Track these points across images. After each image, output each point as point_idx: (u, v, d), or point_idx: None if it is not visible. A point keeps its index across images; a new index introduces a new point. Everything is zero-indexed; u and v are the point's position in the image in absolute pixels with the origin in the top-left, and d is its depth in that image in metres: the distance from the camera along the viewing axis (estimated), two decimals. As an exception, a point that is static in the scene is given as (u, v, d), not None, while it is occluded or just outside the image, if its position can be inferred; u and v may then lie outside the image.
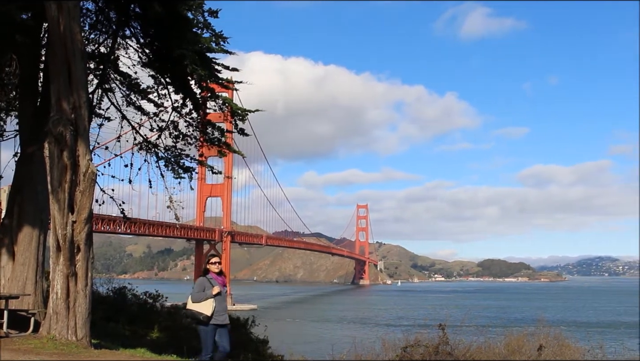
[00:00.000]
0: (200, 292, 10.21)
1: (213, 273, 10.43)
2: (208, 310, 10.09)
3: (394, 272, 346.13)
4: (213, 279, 10.35)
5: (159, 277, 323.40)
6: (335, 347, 16.35)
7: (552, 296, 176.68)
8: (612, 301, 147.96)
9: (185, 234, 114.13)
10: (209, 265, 10.53)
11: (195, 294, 10.22)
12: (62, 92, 11.16)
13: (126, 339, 15.15)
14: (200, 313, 10.10)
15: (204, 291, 10.20)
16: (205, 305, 10.10)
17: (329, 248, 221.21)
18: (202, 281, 10.36)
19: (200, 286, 10.29)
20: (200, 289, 10.24)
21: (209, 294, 10.14)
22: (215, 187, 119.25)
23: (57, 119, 10.97)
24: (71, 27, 11.22)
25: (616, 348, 17.83)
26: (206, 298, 10.12)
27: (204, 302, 10.11)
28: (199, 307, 10.12)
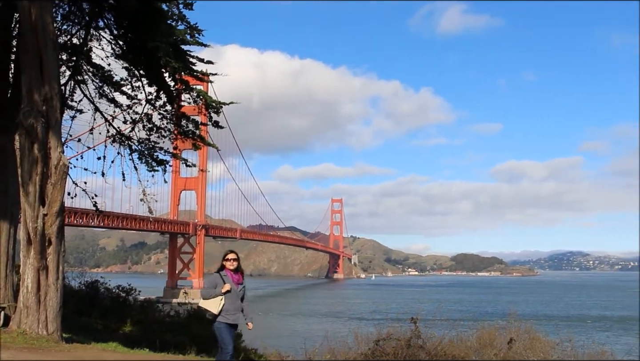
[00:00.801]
0: (210, 289, 9.97)
1: (228, 270, 10.15)
2: (215, 307, 9.81)
3: (368, 266, 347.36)
4: (227, 277, 10.06)
5: (132, 271, 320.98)
6: (308, 341, 16.38)
7: (523, 290, 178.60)
8: (582, 296, 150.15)
9: (159, 227, 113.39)
10: (225, 262, 10.22)
11: (205, 291, 10.01)
12: (33, 84, 11.04)
13: (98, 333, 15.04)
14: (207, 311, 9.89)
15: (215, 288, 9.93)
16: (213, 303, 9.83)
17: (304, 241, 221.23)
18: (214, 278, 10.11)
19: (211, 283, 10.06)
20: (211, 286, 10.02)
21: (218, 291, 9.87)
22: (190, 180, 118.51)
23: (28, 110, 10.85)
24: (43, 18, 11.09)
25: (585, 341, 18.06)
26: (215, 295, 9.85)
27: (212, 300, 9.85)
28: (207, 304, 9.88)
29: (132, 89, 16.34)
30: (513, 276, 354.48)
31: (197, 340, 15.71)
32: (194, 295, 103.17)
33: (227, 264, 10.18)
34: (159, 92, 16.37)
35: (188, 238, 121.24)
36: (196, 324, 17.57)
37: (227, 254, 10.31)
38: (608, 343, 22.16)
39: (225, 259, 10.22)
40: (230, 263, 10.17)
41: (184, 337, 15.98)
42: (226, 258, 10.25)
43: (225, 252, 10.46)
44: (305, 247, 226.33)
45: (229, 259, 10.21)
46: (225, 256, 10.29)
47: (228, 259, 10.21)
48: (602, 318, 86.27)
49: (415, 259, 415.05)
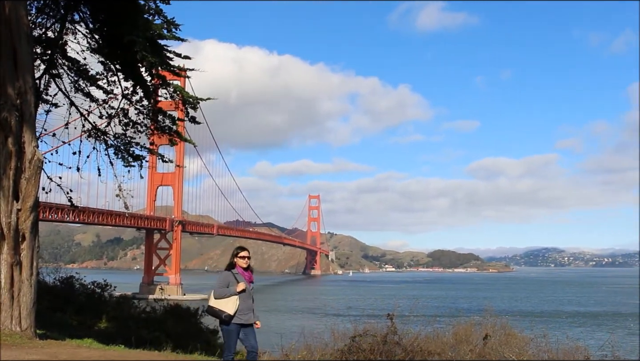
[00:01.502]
0: (223, 288, 9.52)
1: (240, 267, 9.74)
2: (231, 308, 9.40)
3: (345, 262, 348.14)
4: (239, 275, 9.65)
5: (108, 266, 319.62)
6: (284, 337, 16.39)
7: (499, 286, 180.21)
8: (556, 292, 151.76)
9: (135, 223, 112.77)
10: (237, 259, 9.78)
11: (218, 290, 9.52)
12: (7, 77, 10.90)
13: (73, 329, 14.93)
14: (222, 312, 9.42)
15: (228, 287, 9.52)
16: (228, 303, 9.42)
17: (281, 238, 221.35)
18: (226, 276, 9.65)
19: (223, 281, 9.59)
20: (223, 284, 9.56)
21: (232, 290, 9.46)
22: (166, 176, 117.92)
23: (2, 104, 10.72)
24: (17, 10, 10.95)
25: (559, 337, 18.29)
26: (230, 294, 9.44)
27: (227, 299, 9.42)
28: (221, 305, 9.43)
29: (108, 83, 16.17)
30: (489, 273, 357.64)
31: (173, 336, 15.66)
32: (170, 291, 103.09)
33: (240, 262, 9.79)
34: (135, 87, 16.22)
35: (165, 234, 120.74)
36: (172, 320, 17.52)
37: (240, 252, 9.89)
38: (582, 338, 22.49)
39: (238, 257, 9.80)
40: (244, 261, 9.79)
41: (160, 333, 15.91)
42: (239, 255, 9.83)
43: (236, 249, 10.02)
44: (282, 243, 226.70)
45: (243, 256, 9.82)
46: (237, 253, 9.87)
47: (242, 257, 9.82)
48: (575, 313, 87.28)
49: (393, 255, 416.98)
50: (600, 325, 66.87)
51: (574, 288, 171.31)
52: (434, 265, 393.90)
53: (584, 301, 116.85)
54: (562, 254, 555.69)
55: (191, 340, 15.75)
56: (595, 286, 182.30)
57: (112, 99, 16.61)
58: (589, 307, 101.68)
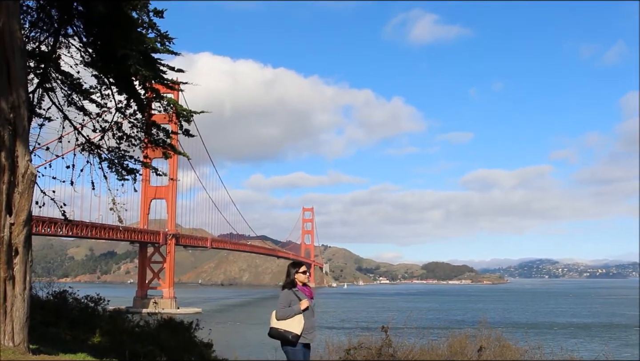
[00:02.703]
0: (286, 307, 9.08)
1: (299, 283, 9.35)
2: (297, 327, 8.98)
3: (339, 275, 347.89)
4: (300, 292, 9.24)
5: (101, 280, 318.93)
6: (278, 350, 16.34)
7: (493, 298, 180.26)
8: (550, 303, 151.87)
9: (129, 236, 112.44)
10: (298, 275, 9.37)
11: (281, 311, 9.07)
12: (0, 91, 10.89)
13: (66, 344, 14.83)
14: (288, 332, 8.99)
15: (290, 306, 9.10)
16: (294, 322, 8.99)
17: (275, 250, 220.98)
18: (287, 295, 9.20)
19: (285, 301, 9.13)
20: (285, 304, 9.11)
21: (296, 309, 9.05)
22: (160, 189, 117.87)
23: (-5, 118, 10.69)
24: (10, 24, 10.95)
25: (554, 348, 18.31)
26: (294, 314, 9.02)
27: (291, 319, 9.00)
28: (286, 325, 9.00)
29: (102, 97, 16.16)
30: (483, 284, 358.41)
31: (167, 350, 15.61)
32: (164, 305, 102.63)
33: (302, 277, 9.41)
34: (129, 100, 16.22)
35: (158, 247, 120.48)
36: (166, 334, 17.46)
37: (299, 267, 9.52)
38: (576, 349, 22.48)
39: (298, 272, 9.41)
40: (305, 277, 9.44)
41: (154, 347, 15.84)
42: (298, 271, 9.44)
43: (295, 264, 9.60)
44: (276, 256, 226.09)
45: (304, 272, 9.47)
46: (297, 269, 9.47)
47: (302, 273, 9.44)
48: (569, 325, 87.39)
49: (387, 267, 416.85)
50: (594, 336, 66.94)
51: (568, 300, 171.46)
52: (428, 277, 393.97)
53: (578, 313, 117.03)
54: (556, 266, 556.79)
55: (185, 354, 15.71)
56: (589, 298, 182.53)
57: (106, 112, 16.58)
58: (583, 318, 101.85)
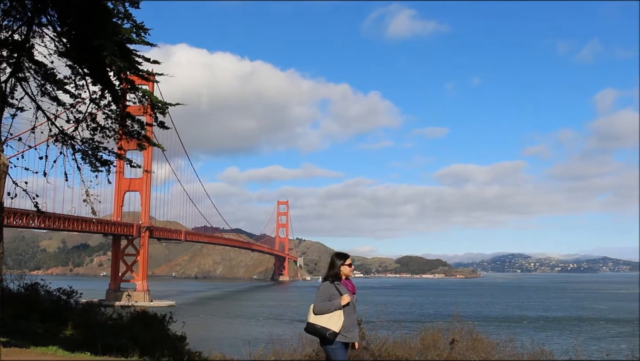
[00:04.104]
0: (325, 301, 8.38)
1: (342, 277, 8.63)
2: (336, 324, 8.26)
3: (314, 268, 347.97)
4: (342, 286, 8.51)
5: (73, 273, 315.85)
6: (252, 343, 16.38)
7: (466, 292, 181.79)
8: (522, 297, 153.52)
9: (102, 229, 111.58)
10: (343, 267, 8.61)
11: (320, 305, 8.36)
12: (-28, 81, 10.76)
13: (38, 337, 14.73)
14: (326, 329, 8.27)
15: (330, 300, 8.39)
16: (332, 318, 8.29)
17: (249, 244, 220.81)
18: (327, 288, 8.49)
19: (325, 294, 8.43)
20: (325, 298, 8.40)
21: (337, 304, 8.32)
22: (134, 181, 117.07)
23: (-33, 108, 10.57)
24: (-17, 13, 10.82)
25: (525, 341, 18.56)
26: (334, 309, 8.31)
27: (330, 314, 8.30)
28: (324, 321, 8.30)
29: (76, 87, 15.98)
30: (457, 278, 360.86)
31: (140, 343, 15.53)
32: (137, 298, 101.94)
33: (346, 270, 8.64)
34: (103, 91, 16.07)
35: (132, 240, 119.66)
36: (139, 327, 17.38)
37: (346, 259, 8.72)
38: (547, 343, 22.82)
39: (344, 265, 8.63)
40: (350, 270, 8.70)
41: (126, 340, 15.75)
42: (344, 262, 8.65)
43: (339, 256, 8.78)
44: (251, 249, 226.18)
45: (350, 264, 8.73)
46: (343, 260, 8.68)
47: (348, 265, 8.68)
48: (540, 318, 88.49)
49: (361, 261, 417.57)
50: (563, 330, 67.88)
51: (540, 294, 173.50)
52: (402, 271, 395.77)
53: (549, 307, 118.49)
54: (528, 260, 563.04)
55: (158, 347, 15.65)
56: (560, 292, 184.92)
57: (80, 103, 16.42)
58: (554, 312, 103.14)
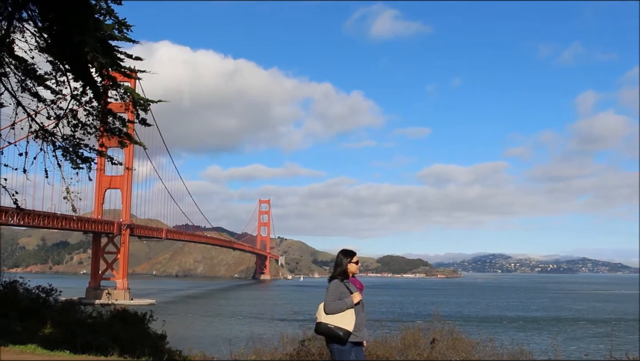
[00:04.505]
0: (336, 300, 8.19)
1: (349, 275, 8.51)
2: (349, 323, 8.07)
3: (295, 267, 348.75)
4: (351, 284, 8.39)
5: (53, 271, 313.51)
6: (233, 342, 16.34)
7: (446, 292, 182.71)
8: (501, 297, 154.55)
9: (82, 226, 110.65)
10: (350, 265, 8.51)
11: (332, 304, 8.17)
12: (-49, 75, 10.65)
13: (17, 335, 14.60)
14: (339, 329, 8.05)
15: (341, 298, 8.21)
16: (344, 317, 8.10)
17: (231, 242, 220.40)
18: (337, 286, 8.31)
19: (336, 293, 8.25)
20: (336, 296, 8.21)
21: (349, 302, 8.16)
22: (115, 179, 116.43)
23: (-54, 103, 10.47)
24: (-37, 7, 10.71)
25: (504, 340, 18.69)
26: (346, 308, 8.14)
27: (342, 314, 8.12)
28: (336, 320, 8.09)
29: (57, 83, 15.88)
30: (437, 278, 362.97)
31: (120, 342, 15.44)
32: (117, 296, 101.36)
33: (353, 268, 8.54)
34: (84, 87, 15.95)
35: (112, 238, 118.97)
36: (119, 325, 17.27)
37: (353, 256, 8.63)
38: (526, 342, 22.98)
39: (351, 262, 8.55)
40: (357, 267, 8.61)
41: (106, 339, 15.66)
42: (351, 260, 8.57)
43: (346, 254, 8.67)
44: (232, 248, 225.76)
45: (356, 262, 8.64)
46: (350, 258, 8.60)
47: (355, 262, 8.61)
48: (520, 318, 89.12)
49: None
50: (542, 330, 68.34)
51: (519, 294, 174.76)
52: (383, 270, 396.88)
53: (528, 307, 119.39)
54: (508, 261, 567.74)
55: (138, 345, 15.57)
56: (539, 292, 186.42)
57: (61, 99, 16.31)
58: (533, 312, 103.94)
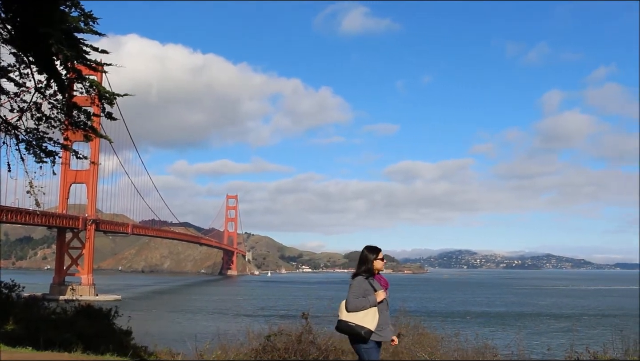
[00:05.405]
0: (360, 298, 7.83)
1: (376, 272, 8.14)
2: (371, 322, 7.73)
3: (262, 263, 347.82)
4: (375, 281, 8.00)
5: (16, 266, 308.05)
6: (198, 338, 16.32)
7: (413, 287, 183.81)
8: (467, 293, 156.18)
9: (47, 221, 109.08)
10: (376, 262, 8.13)
11: (355, 301, 7.81)
12: None
13: (-23, 331, 14.41)
14: (361, 327, 7.70)
15: (364, 296, 7.86)
16: (367, 316, 7.75)
17: (198, 238, 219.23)
18: (361, 283, 7.94)
19: (359, 290, 7.88)
20: (359, 294, 7.85)
21: (372, 300, 7.81)
22: (80, 173, 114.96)
23: None
24: None
25: (469, 336, 18.96)
26: (369, 306, 7.78)
27: (365, 312, 7.77)
28: (358, 319, 7.74)
29: (21, 76, 15.66)
30: (404, 274, 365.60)
31: (84, 338, 15.31)
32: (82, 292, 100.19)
33: (379, 265, 8.17)
34: (49, 80, 15.75)
35: (77, 233, 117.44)
36: (84, 321, 17.12)
37: (378, 253, 8.25)
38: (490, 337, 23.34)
39: (377, 259, 8.17)
40: (383, 263, 8.24)
41: (70, 335, 15.51)
42: (377, 257, 8.19)
43: (372, 250, 8.30)
44: (199, 243, 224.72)
45: (382, 259, 8.25)
46: (375, 254, 8.21)
47: (381, 259, 8.23)
48: (484, 314, 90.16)
49: (309, 256, 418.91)
50: (506, 325, 69.40)
51: (484, 289, 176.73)
52: (350, 266, 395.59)
53: (493, 302, 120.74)
54: (474, 256, 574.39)
55: (103, 341, 15.44)
56: (504, 288, 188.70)
57: (25, 92, 16.10)
58: (497, 308, 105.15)
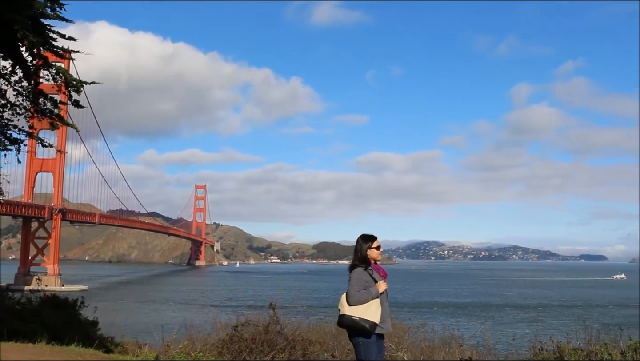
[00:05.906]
0: (361, 290, 7.53)
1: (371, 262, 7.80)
2: (375, 315, 7.48)
3: (231, 253, 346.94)
4: (374, 272, 7.69)
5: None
6: (165, 328, 16.27)
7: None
8: (434, 284, 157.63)
9: (11, 210, 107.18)
10: (371, 251, 7.79)
11: (357, 294, 7.50)
12: None
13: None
14: (366, 321, 7.43)
15: (365, 288, 7.56)
16: (370, 308, 7.48)
17: (166, 228, 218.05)
18: (361, 275, 7.62)
19: (360, 282, 7.57)
20: (360, 286, 7.54)
21: (374, 292, 7.52)
22: (47, 162, 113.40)
23: None
24: None
25: (435, 326, 19.20)
26: (371, 298, 7.50)
27: (367, 304, 7.49)
28: (360, 312, 7.47)
29: (-16, 62, 15.42)
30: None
31: (49, 328, 15.16)
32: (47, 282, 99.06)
33: (374, 254, 7.81)
34: (14, 67, 15.51)
35: (43, 222, 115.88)
36: (49, 311, 16.94)
37: (373, 241, 7.88)
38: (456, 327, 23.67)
39: (371, 248, 7.82)
40: (379, 252, 7.87)
41: (35, 325, 15.35)
42: (372, 245, 7.83)
43: (365, 238, 7.92)
44: (167, 233, 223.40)
45: (377, 247, 7.88)
46: (370, 243, 7.85)
47: (376, 248, 7.86)
48: (451, 304, 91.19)
49: (278, 246, 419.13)
50: (472, 315, 70.25)
51: (451, 280, 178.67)
52: (319, 257, 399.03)
53: (459, 293, 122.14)
54: (442, 248, 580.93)
55: (69, 332, 15.31)
56: (470, 279, 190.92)
57: (-11, 79, 15.83)
58: (464, 298, 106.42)
